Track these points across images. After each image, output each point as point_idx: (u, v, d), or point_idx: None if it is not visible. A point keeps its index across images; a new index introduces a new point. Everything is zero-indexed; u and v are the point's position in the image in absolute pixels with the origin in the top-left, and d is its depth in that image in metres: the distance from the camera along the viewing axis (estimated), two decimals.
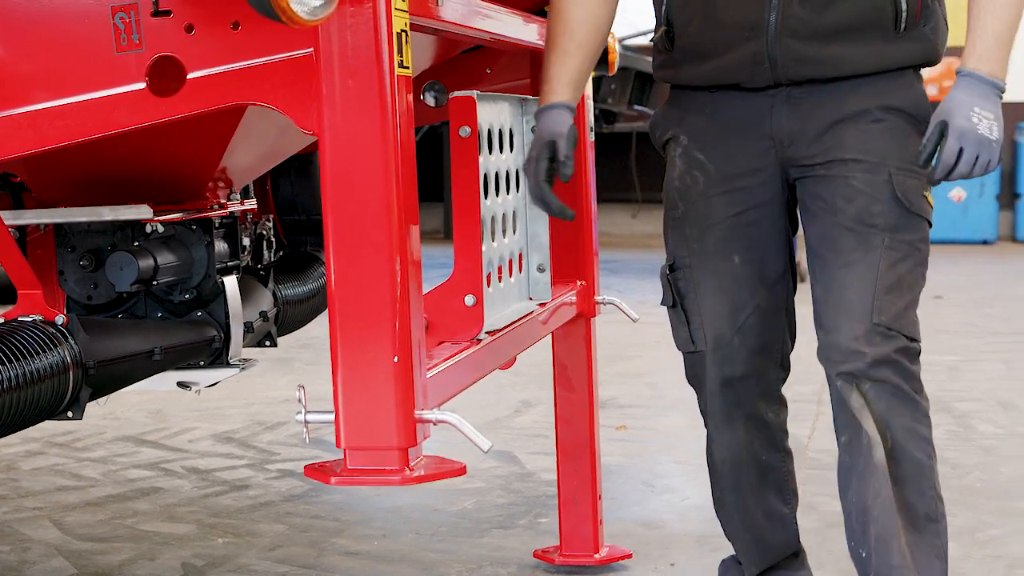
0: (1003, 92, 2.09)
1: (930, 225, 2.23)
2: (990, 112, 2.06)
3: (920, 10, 2.20)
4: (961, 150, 2.06)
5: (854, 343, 2.14)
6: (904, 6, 2.18)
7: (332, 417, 1.75)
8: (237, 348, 2.56)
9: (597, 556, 2.99)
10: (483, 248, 2.23)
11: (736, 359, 2.32)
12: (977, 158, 2.06)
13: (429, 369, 1.83)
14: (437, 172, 11.12)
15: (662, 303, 2.39)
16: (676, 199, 2.34)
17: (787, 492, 2.46)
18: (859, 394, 2.15)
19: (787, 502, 2.45)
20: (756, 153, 2.26)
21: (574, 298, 2.81)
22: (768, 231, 2.31)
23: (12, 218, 2.37)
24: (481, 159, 2.22)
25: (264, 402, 4.94)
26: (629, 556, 3.03)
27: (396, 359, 1.70)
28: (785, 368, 2.41)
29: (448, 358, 2.01)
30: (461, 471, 1.77)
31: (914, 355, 2.18)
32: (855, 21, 2.17)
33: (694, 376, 2.39)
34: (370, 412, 1.71)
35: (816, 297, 2.24)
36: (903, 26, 2.18)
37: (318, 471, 1.78)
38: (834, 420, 2.26)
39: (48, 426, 4.38)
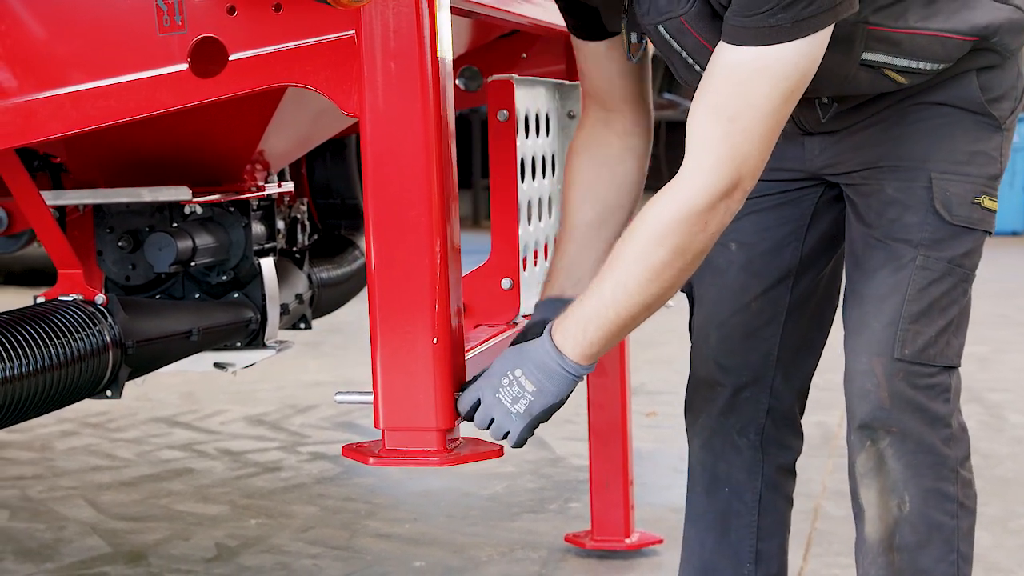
0: (575, 375, 1.75)
1: (988, 233, 1.93)
2: (533, 384, 1.75)
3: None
4: (479, 402, 1.77)
5: (870, 381, 1.89)
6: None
7: (371, 398, 1.76)
8: (273, 330, 2.58)
9: (628, 541, 3.00)
10: (520, 232, 2.24)
11: (709, 360, 2.08)
12: (492, 421, 1.77)
13: (467, 351, 1.84)
14: (466, 158, 11.13)
15: (681, 288, 2.18)
16: None
17: (748, 549, 2.13)
18: (870, 455, 1.90)
19: (748, 560, 2.13)
20: (788, 154, 1.98)
21: None
22: (776, 222, 2.04)
23: (52, 198, 2.39)
24: (518, 143, 2.23)
25: (295, 385, 4.97)
26: (660, 541, 3.03)
27: (435, 340, 1.71)
28: (788, 395, 2.11)
29: (485, 340, 2.02)
30: (499, 453, 1.77)
31: (946, 391, 1.89)
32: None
33: None
34: (409, 393, 1.72)
35: (843, 319, 1.98)
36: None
37: (356, 452, 1.79)
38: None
39: (82, 407, 4.42)
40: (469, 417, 1.78)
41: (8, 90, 1.87)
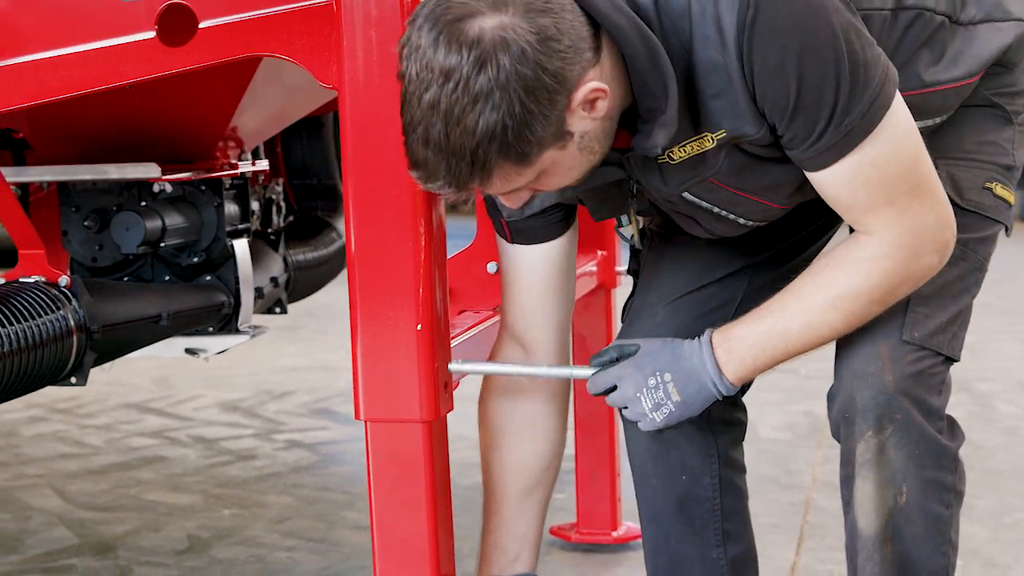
0: (719, 395, 1.71)
1: (999, 223, 1.83)
2: (679, 394, 1.70)
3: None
4: (615, 387, 1.73)
5: (873, 364, 1.74)
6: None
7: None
8: (247, 314, 2.47)
9: (614, 534, 2.92)
10: None
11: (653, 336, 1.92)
12: (625, 408, 1.73)
13: (453, 338, 1.74)
14: None
15: (627, 271, 2.08)
16: None
17: (714, 532, 2.04)
18: (869, 445, 1.77)
19: (716, 543, 2.04)
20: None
21: (595, 268, 2.73)
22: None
23: (14, 175, 2.28)
24: None
25: (271, 371, 4.86)
26: None
27: (420, 327, 1.61)
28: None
29: (471, 327, 1.93)
30: None
31: (941, 383, 1.78)
32: None
33: None
34: (392, 382, 1.62)
35: None
36: None
37: None
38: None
39: (51, 392, 4.30)
40: (600, 393, 1.74)
41: None
